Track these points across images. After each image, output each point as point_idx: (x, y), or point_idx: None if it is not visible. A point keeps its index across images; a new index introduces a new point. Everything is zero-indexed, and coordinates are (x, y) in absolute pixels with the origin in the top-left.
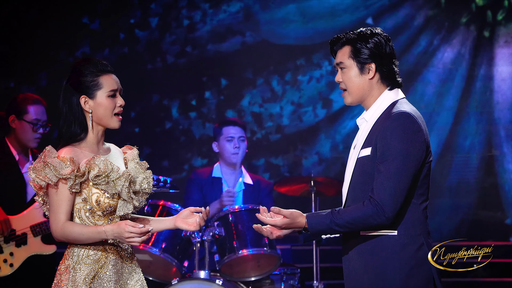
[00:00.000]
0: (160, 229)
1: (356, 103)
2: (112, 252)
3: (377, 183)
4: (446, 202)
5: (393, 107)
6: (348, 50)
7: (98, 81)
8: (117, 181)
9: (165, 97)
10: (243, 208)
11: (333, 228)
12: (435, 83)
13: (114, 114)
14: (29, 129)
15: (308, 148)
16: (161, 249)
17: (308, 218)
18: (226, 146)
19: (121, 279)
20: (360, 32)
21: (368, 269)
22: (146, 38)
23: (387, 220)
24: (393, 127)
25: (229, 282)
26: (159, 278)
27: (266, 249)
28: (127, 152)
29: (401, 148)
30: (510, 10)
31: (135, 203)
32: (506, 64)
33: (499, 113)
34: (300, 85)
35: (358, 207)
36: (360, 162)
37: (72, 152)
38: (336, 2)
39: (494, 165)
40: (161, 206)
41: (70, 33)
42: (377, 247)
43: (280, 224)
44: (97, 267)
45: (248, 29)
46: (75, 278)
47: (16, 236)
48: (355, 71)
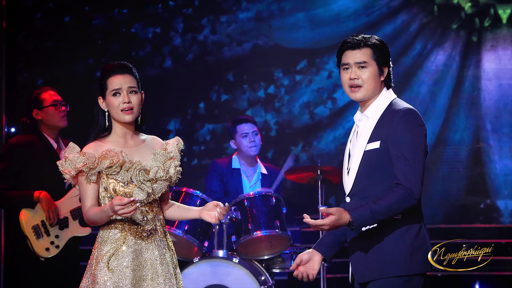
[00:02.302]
0: (189, 218)
1: (366, 99)
2: (131, 233)
3: (399, 170)
4: (438, 189)
5: (393, 105)
6: (370, 52)
7: (105, 83)
8: (129, 171)
9: (188, 95)
10: (257, 194)
11: (375, 216)
12: (429, 83)
13: (121, 110)
14: (53, 111)
15: (315, 140)
16: (184, 231)
17: (351, 212)
18: (242, 142)
19: (140, 256)
20: (372, 36)
21: (376, 250)
22: (171, 41)
23: (417, 201)
24: (403, 121)
25: (244, 260)
26: (182, 257)
27: (278, 231)
28: (169, 143)
29: (413, 139)
30: (495, 18)
31: (148, 189)
32: (492, 65)
33: (485, 110)
34: (308, 84)
35: (390, 194)
36: (368, 155)
37: (93, 147)
38: (341, 10)
39: (481, 156)
40: (184, 192)
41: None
42: (385, 230)
43: (329, 223)
44: (117, 245)
45: (261, 34)
46: (99, 254)
47: (59, 220)
48: (375, 71)
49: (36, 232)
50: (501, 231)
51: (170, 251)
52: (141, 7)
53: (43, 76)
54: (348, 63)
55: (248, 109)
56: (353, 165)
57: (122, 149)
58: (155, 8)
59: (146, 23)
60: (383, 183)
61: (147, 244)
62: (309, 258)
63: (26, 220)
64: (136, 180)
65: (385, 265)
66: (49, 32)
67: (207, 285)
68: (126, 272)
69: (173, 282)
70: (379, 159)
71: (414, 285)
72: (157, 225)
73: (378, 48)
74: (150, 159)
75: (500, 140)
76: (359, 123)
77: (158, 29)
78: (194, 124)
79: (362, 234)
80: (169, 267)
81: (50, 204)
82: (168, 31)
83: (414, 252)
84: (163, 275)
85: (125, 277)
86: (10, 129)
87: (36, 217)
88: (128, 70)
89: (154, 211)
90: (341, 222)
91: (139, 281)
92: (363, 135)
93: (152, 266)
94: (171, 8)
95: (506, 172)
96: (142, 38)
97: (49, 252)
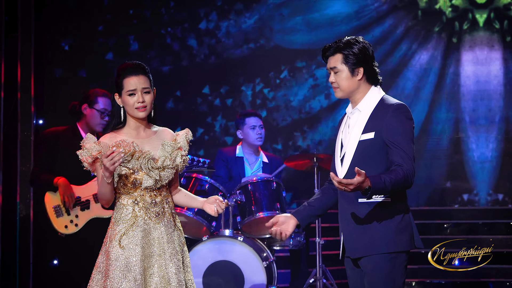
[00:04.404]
0: (192, 207)
1: (345, 98)
2: (141, 215)
3: (398, 156)
4: (422, 175)
5: (385, 100)
6: (340, 57)
7: (122, 83)
8: (139, 160)
9: (199, 89)
10: (259, 179)
11: (387, 186)
12: (414, 80)
13: (136, 108)
14: (98, 115)
15: (312, 130)
16: (194, 212)
17: (371, 178)
18: (250, 133)
19: (148, 235)
20: (348, 41)
21: (367, 230)
22: (186, 42)
23: (413, 182)
24: (397, 114)
25: (248, 239)
26: (193, 236)
27: (278, 212)
28: (179, 134)
29: (405, 129)
30: (473, 21)
31: (155, 176)
32: (470, 64)
33: (464, 103)
34: (306, 81)
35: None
36: (362, 144)
37: (109, 137)
38: (334, 14)
39: (461, 145)
40: (194, 178)
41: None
42: (375, 212)
43: (356, 183)
44: (128, 225)
45: (263, 36)
46: (112, 233)
47: (81, 202)
48: (347, 74)
49: (57, 211)
50: (478, 213)
51: (178, 231)
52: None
53: (70, 71)
54: (328, 68)
55: (252, 103)
56: (348, 153)
57: (134, 140)
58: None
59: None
60: (375, 169)
61: (155, 224)
62: (285, 220)
63: (48, 200)
64: (145, 168)
65: (375, 243)
66: (76, 34)
67: (214, 261)
68: (136, 249)
69: (178, 258)
70: (373, 148)
71: (400, 261)
72: (165, 207)
73: (351, 52)
74: (159, 149)
75: (477, 131)
76: (352, 116)
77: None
78: (205, 115)
79: (353, 211)
80: (175, 245)
81: (65, 189)
82: (186, 37)
83: (401, 232)
84: (169, 252)
85: (135, 254)
86: (38, 121)
87: (58, 198)
88: (142, 71)
89: (162, 195)
90: (364, 185)
91: (147, 257)
92: (357, 127)
93: (160, 244)
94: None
95: (483, 160)
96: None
97: (67, 229)
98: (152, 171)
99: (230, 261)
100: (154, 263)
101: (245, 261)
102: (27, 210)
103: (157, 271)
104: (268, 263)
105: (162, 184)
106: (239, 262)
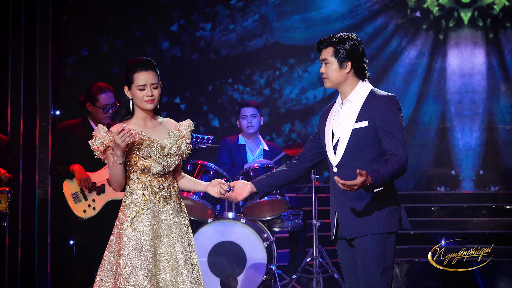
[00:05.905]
0: (196, 190)
1: (333, 88)
2: (150, 199)
3: (391, 144)
4: (411, 162)
5: (375, 92)
6: (331, 50)
7: (132, 77)
8: (148, 147)
9: (204, 83)
10: (260, 165)
11: (386, 179)
12: (403, 74)
13: (144, 101)
14: (101, 112)
15: (309, 119)
16: (199, 196)
17: (371, 175)
18: (242, 122)
19: (157, 217)
20: (340, 36)
21: (361, 213)
22: (192, 39)
23: (407, 167)
24: (389, 105)
25: (250, 221)
26: (198, 218)
27: (278, 196)
28: (182, 124)
29: (397, 119)
30: (458, 19)
31: (163, 163)
32: (455, 59)
33: (450, 96)
34: (303, 75)
35: (392, 162)
36: (356, 132)
37: (118, 127)
38: (330, 13)
39: (447, 134)
40: (199, 164)
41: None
42: (369, 196)
43: (359, 183)
44: (138, 208)
45: (264, 33)
46: (123, 216)
47: (97, 187)
48: (336, 66)
49: (75, 197)
50: (463, 197)
51: (183, 213)
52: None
53: (87, 68)
54: (320, 60)
55: (254, 95)
56: (341, 141)
57: (142, 130)
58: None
59: (167, 24)
60: (368, 155)
61: (163, 207)
62: (241, 186)
63: (66, 188)
64: (153, 155)
65: (369, 224)
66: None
67: (219, 241)
68: (146, 230)
69: (184, 239)
70: (367, 135)
71: (391, 241)
72: (171, 191)
73: (342, 47)
74: (165, 138)
75: (462, 121)
76: (343, 107)
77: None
78: (207, 106)
79: (347, 194)
80: (181, 226)
81: (81, 174)
82: (195, 32)
83: (391, 215)
84: (176, 233)
85: (145, 234)
86: (55, 112)
87: (76, 186)
88: (151, 67)
89: (168, 180)
90: (366, 183)
91: (157, 238)
92: (350, 116)
93: (167, 225)
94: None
95: (467, 148)
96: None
97: (86, 213)
98: (160, 158)
99: (233, 241)
100: (162, 243)
101: (247, 241)
102: (45, 195)
103: (165, 250)
104: (268, 243)
105: (168, 170)
106: (242, 242)
